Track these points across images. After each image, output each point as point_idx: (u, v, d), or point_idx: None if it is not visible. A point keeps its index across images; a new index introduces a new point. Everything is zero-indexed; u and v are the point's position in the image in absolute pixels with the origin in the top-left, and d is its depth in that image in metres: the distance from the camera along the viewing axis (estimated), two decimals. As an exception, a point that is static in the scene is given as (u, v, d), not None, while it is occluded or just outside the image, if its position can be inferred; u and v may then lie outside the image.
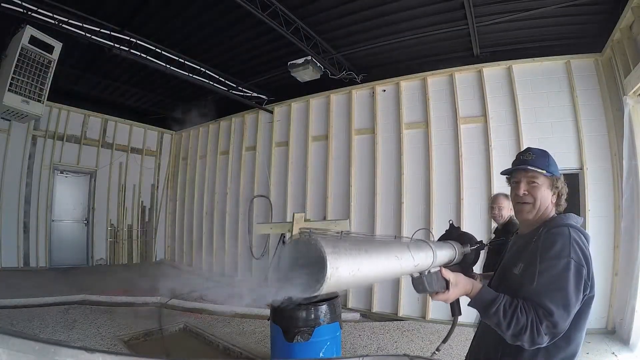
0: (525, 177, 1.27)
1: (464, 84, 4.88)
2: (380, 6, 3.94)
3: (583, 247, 1.10)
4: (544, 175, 1.24)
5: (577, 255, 1.07)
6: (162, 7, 4.10)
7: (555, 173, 1.26)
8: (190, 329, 4.20)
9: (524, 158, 1.29)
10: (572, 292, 1.03)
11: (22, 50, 4.16)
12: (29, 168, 6.62)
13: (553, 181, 1.25)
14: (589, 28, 4.06)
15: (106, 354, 0.54)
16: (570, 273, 1.04)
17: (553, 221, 1.21)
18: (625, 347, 3.41)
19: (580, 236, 1.12)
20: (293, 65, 4.93)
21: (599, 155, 4.10)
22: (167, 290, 4.90)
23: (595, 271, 1.11)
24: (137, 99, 7.29)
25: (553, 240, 1.11)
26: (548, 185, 1.25)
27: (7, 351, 0.49)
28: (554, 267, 1.06)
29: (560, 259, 1.06)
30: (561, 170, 1.29)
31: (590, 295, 1.09)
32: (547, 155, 1.30)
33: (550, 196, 1.25)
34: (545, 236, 1.14)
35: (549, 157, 1.29)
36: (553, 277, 1.05)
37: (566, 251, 1.07)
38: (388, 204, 5.22)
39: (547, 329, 1.01)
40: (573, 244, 1.09)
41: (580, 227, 1.18)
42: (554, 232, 1.13)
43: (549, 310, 1.01)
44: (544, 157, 1.29)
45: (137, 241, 8.21)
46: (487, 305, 1.07)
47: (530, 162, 1.27)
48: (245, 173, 6.94)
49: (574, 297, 1.03)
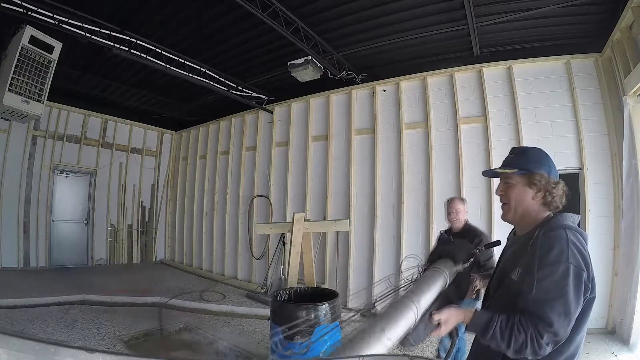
0: (502, 178, 1.27)
1: (464, 84, 4.88)
2: (380, 6, 3.93)
3: (582, 250, 1.07)
4: (517, 175, 1.21)
5: (575, 259, 1.04)
6: (162, 7, 4.10)
7: (535, 169, 1.20)
8: (190, 329, 4.20)
9: (506, 158, 1.30)
10: (572, 298, 1.01)
11: (22, 50, 4.16)
12: (29, 168, 6.63)
13: (530, 178, 1.20)
14: (589, 28, 4.06)
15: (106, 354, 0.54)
16: (570, 279, 1.02)
17: (549, 223, 1.16)
18: (625, 347, 3.41)
19: (578, 238, 1.09)
20: (293, 65, 4.93)
21: (599, 155, 4.10)
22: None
23: (595, 271, 1.10)
24: (137, 99, 7.28)
25: (550, 244, 1.07)
26: (524, 183, 1.20)
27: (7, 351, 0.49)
28: (553, 273, 1.03)
29: (559, 264, 1.03)
30: (561, 171, 1.27)
31: (591, 297, 1.07)
32: (527, 153, 1.26)
33: (530, 194, 1.20)
34: (542, 240, 1.10)
35: (529, 154, 1.25)
36: (552, 285, 1.02)
37: (564, 256, 1.04)
38: (388, 204, 5.22)
39: (548, 339, 1.00)
40: (571, 248, 1.05)
41: (578, 228, 1.14)
42: (551, 236, 1.10)
43: (549, 321, 0.99)
44: (523, 155, 1.25)
45: (137, 241, 8.21)
46: (483, 329, 1.07)
47: (504, 163, 1.27)
48: (245, 173, 6.94)
49: (574, 303, 1.01)
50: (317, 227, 4.64)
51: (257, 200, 6.67)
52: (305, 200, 5.91)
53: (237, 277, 6.67)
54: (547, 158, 1.25)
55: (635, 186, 3.53)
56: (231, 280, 6.59)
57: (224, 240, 7.07)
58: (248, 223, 6.71)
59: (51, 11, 3.97)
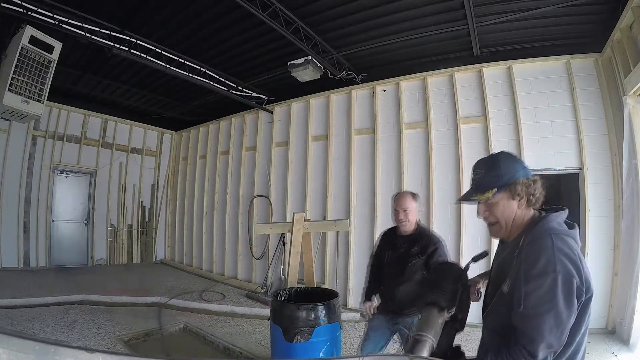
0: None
1: (464, 84, 4.88)
2: (380, 6, 3.93)
3: (570, 254, 1.02)
4: (496, 193, 1.15)
5: (563, 266, 0.99)
6: (162, 7, 4.10)
7: (511, 178, 1.14)
8: (190, 329, 4.20)
9: (474, 177, 1.23)
10: (563, 308, 0.98)
11: (22, 50, 4.15)
12: (29, 168, 6.63)
13: (511, 189, 1.14)
14: (589, 28, 4.05)
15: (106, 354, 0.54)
16: (558, 290, 0.98)
17: (533, 229, 1.11)
18: (625, 347, 3.41)
19: (565, 242, 1.04)
20: (293, 65, 4.93)
21: (599, 155, 4.10)
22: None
23: (595, 271, 1.09)
24: (137, 99, 7.28)
25: (536, 255, 1.03)
26: (507, 197, 1.15)
27: (7, 351, 0.49)
28: (540, 287, 0.99)
29: (546, 276, 0.99)
30: (561, 171, 1.26)
31: (588, 297, 1.03)
32: (497, 165, 1.18)
33: (515, 204, 1.15)
34: (528, 250, 1.06)
35: (500, 164, 1.17)
36: (540, 299, 0.99)
37: (551, 266, 0.99)
38: (388, 204, 5.20)
39: (543, 354, 0.98)
40: (558, 256, 1.00)
41: (564, 229, 1.10)
42: (535, 246, 1.05)
43: (541, 338, 0.97)
44: (494, 168, 1.17)
45: (137, 241, 8.21)
46: None
47: (478, 185, 1.19)
48: (245, 173, 6.94)
49: (566, 312, 0.98)
50: (317, 227, 4.63)
51: (257, 200, 6.67)
52: (305, 200, 5.91)
53: (237, 277, 6.67)
54: (516, 160, 1.20)
55: (635, 186, 3.53)
56: (231, 280, 6.59)
57: (224, 240, 7.06)
58: (248, 223, 6.71)
59: (51, 11, 3.96)
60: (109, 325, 4.05)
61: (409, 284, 2.21)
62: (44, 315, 4.19)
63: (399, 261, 2.37)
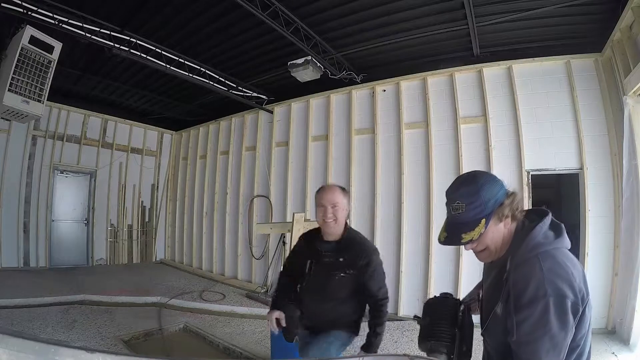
0: None
1: (464, 84, 4.88)
2: (380, 6, 3.93)
3: (559, 271, 0.98)
4: (485, 225, 1.06)
5: (554, 287, 0.95)
6: (162, 7, 4.10)
7: (496, 202, 1.07)
8: (190, 329, 4.20)
9: (453, 214, 1.13)
10: (558, 330, 0.95)
11: (22, 50, 4.15)
12: (29, 168, 6.63)
13: (498, 212, 1.07)
14: (589, 28, 4.05)
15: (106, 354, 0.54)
16: (551, 314, 0.95)
17: (518, 250, 1.05)
18: (625, 347, 3.41)
19: (553, 258, 1.00)
20: (293, 65, 4.93)
21: (599, 155, 4.09)
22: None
23: (595, 271, 1.09)
24: (137, 99, 7.29)
25: (525, 281, 0.99)
26: (495, 222, 1.08)
27: (7, 351, 0.49)
28: (532, 315, 0.96)
29: (537, 302, 0.95)
30: (561, 171, 1.24)
31: (585, 303, 1.00)
32: (477, 191, 1.07)
33: (502, 224, 1.09)
34: (515, 276, 1.02)
35: (480, 191, 1.07)
36: (534, 326, 0.96)
37: (542, 290, 0.95)
38: (388, 204, 5.22)
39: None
40: (547, 277, 0.96)
41: (550, 239, 1.04)
42: (524, 271, 1.01)
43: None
44: (475, 195, 1.07)
45: (137, 241, 8.21)
46: None
47: (460, 225, 1.09)
48: (245, 173, 6.94)
49: (561, 333, 0.96)
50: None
51: (257, 200, 6.67)
52: (305, 200, 5.91)
53: (237, 277, 6.67)
54: (494, 180, 1.12)
55: (635, 186, 3.53)
56: (231, 280, 6.59)
57: (224, 240, 7.06)
58: (248, 223, 6.71)
59: (51, 11, 3.96)
60: (109, 325, 4.05)
61: (333, 303, 1.99)
62: (44, 315, 4.18)
63: (322, 272, 1.98)
